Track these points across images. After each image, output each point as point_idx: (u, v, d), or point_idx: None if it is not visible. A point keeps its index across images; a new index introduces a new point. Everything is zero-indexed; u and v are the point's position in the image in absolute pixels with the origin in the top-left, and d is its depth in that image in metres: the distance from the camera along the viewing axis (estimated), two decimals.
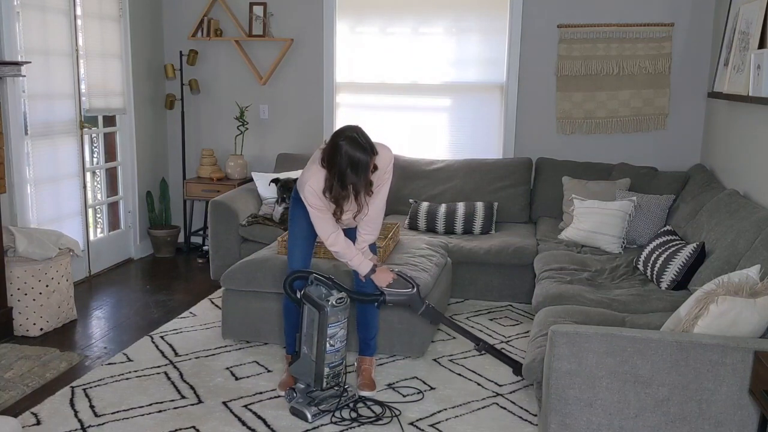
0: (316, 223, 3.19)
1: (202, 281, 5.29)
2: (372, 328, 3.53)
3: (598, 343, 2.42)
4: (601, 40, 5.30)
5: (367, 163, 2.96)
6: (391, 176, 3.27)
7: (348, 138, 2.95)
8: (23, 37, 4.53)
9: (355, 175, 2.96)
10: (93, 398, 3.35)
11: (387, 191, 3.27)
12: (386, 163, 3.18)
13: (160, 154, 6.15)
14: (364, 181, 3.00)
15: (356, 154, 2.93)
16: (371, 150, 2.98)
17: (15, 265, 4.10)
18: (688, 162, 5.32)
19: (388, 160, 3.19)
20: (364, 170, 2.97)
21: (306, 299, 3.17)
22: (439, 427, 3.13)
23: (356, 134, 2.97)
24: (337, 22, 5.72)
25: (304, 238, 3.37)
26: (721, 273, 3.12)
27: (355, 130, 3.01)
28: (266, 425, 3.12)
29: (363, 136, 3.00)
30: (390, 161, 3.21)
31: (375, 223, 3.32)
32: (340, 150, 2.94)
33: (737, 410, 2.35)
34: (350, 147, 2.93)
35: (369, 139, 3.02)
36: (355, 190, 3.03)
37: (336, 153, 2.95)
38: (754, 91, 3.68)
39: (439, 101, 5.75)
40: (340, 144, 2.95)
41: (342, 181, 2.98)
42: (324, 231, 3.19)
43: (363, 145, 2.95)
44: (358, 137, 2.96)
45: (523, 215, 5.34)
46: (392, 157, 3.23)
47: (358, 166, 2.94)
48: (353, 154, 2.93)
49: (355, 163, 2.94)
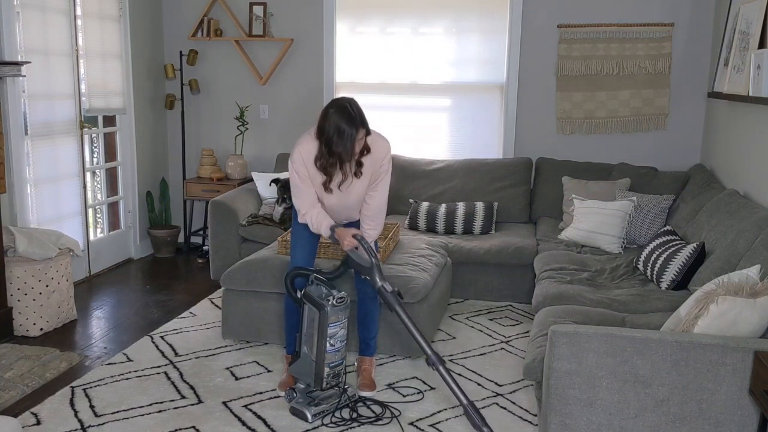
0: (294, 192, 3.22)
1: (202, 281, 5.29)
2: (372, 328, 3.54)
3: (598, 343, 2.42)
4: (601, 40, 5.30)
5: (353, 134, 2.98)
6: (390, 170, 3.27)
7: (338, 107, 3.00)
8: (23, 37, 4.53)
9: (341, 142, 2.98)
10: (93, 398, 3.35)
11: (387, 185, 3.28)
12: (382, 153, 3.19)
13: (160, 154, 6.15)
14: (350, 150, 3.02)
15: (342, 122, 2.97)
16: (360, 122, 3.00)
17: (15, 265, 4.10)
18: (688, 162, 5.32)
19: (385, 150, 3.20)
20: (350, 140, 2.99)
21: (306, 299, 3.17)
22: (439, 427, 3.13)
23: (348, 104, 3.01)
24: (337, 22, 5.72)
25: (307, 237, 3.38)
26: (721, 273, 3.12)
27: (348, 101, 3.04)
28: (266, 425, 3.12)
29: (355, 107, 3.03)
30: (387, 152, 3.21)
31: (378, 218, 3.32)
32: (329, 117, 2.99)
33: (737, 410, 2.35)
34: (338, 115, 2.98)
35: (360, 113, 3.04)
36: (340, 159, 3.04)
37: (325, 120, 3.01)
38: (754, 91, 3.68)
39: (439, 101, 5.75)
40: (330, 111, 3.01)
41: (329, 147, 3.01)
42: (301, 203, 3.20)
43: (351, 116, 2.98)
44: (350, 108, 3.00)
45: (523, 215, 5.34)
46: (389, 149, 3.23)
47: (343, 134, 2.97)
48: (340, 122, 2.97)
49: (341, 132, 2.97)
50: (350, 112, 2.98)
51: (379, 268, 3.13)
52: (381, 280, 3.10)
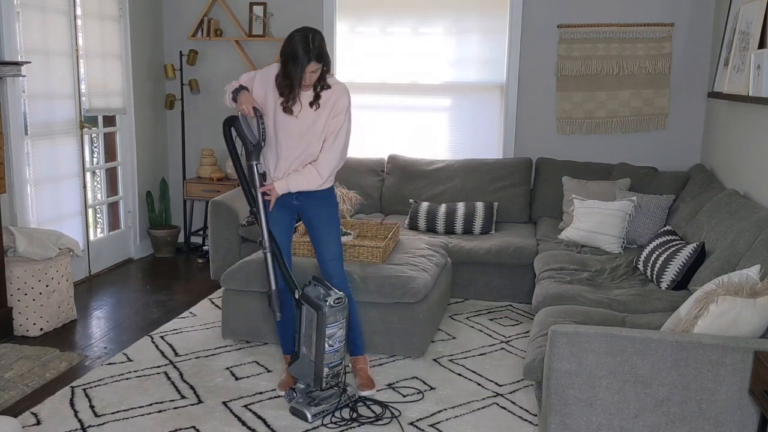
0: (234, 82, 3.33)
1: (202, 281, 5.29)
2: (355, 326, 3.52)
3: (598, 343, 2.42)
4: (601, 40, 5.30)
5: (304, 64, 3.06)
6: (348, 123, 3.28)
7: (302, 35, 3.09)
8: (23, 37, 4.53)
9: (293, 68, 3.08)
10: (93, 398, 3.35)
11: (344, 137, 3.28)
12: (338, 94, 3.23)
13: (160, 154, 6.15)
14: (299, 77, 3.09)
15: (299, 49, 3.05)
16: (315, 55, 3.07)
17: (15, 265, 4.10)
18: (688, 162, 5.32)
19: (341, 92, 3.25)
20: (301, 67, 3.07)
21: (304, 299, 3.17)
22: (439, 427, 3.13)
23: (311, 35, 3.09)
24: (337, 22, 5.72)
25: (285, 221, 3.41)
26: (721, 273, 3.12)
27: (313, 32, 3.11)
28: (266, 425, 3.12)
29: (316, 41, 3.09)
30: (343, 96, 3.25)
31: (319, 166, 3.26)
32: (290, 41, 3.10)
33: (737, 410, 2.35)
34: (298, 42, 3.07)
35: (320, 48, 3.10)
36: (291, 82, 3.12)
37: (287, 42, 3.11)
38: (754, 91, 3.68)
39: (439, 101, 5.75)
40: (294, 37, 3.10)
41: (284, 68, 3.11)
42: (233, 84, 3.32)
43: (308, 47, 3.06)
44: (311, 39, 3.08)
45: (523, 215, 5.34)
46: (347, 96, 3.27)
47: (297, 61, 3.06)
48: (296, 48, 3.06)
49: (295, 57, 3.06)
50: (308, 44, 3.06)
51: (259, 150, 3.22)
52: (255, 160, 3.22)
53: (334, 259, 3.41)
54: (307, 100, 3.20)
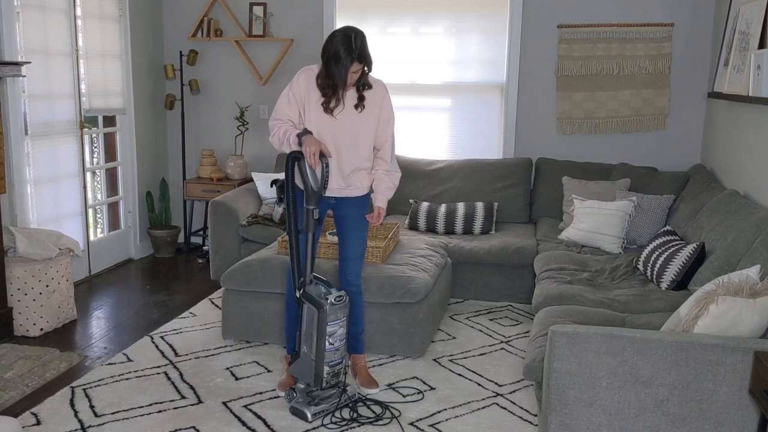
0: (276, 109, 3.29)
1: (202, 281, 5.29)
2: (360, 323, 3.53)
3: (598, 343, 2.42)
4: (601, 40, 5.30)
5: (347, 64, 3.04)
6: (393, 118, 3.33)
7: (344, 35, 3.07)
8: (23, 37, 4.53)
9: (336, 69, 3.05)
10: (93, 398, 3.35)
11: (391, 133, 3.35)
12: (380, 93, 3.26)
13: (160, 154, 6.15)
14: (343, 78, 3.07)
15: (341, 50, 3.02)
16: (357, 56, 3.05)
17: (15, 265, 4.10)
18: (688, 162, 5.32)
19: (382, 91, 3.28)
20: (345, 69, 3.05)
21: (305, 298, 3.18)
22: (439, 427, 3.13)
23: (354, 35, 3.06)
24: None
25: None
26: (721, 273, 3.12)
27: (355, 32, 3.09)
28: (266, 425, 3.12)
29: (358, 40, 3.07)
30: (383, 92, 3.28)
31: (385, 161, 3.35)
32: (332, 41, 3.07)
33: (737, 410, 2.35)
34: (340, 42, 3.04)
35: (362, 47, 3.09)
36: (335, 83, 3.10)
37: (329, 42, 3.08)
38: (754, 91, 3.68)
39: (439, 101, 5.75)
40: (336, 36, 3.07)
41: (327, 69, 3.08)
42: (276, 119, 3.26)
43: (351, 47, 3.04)
44: (353, 39, 3.05)
45: (523, 215, 5.34)
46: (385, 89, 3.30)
47: (339, 61, 3.04)
48: (339, 49, 3.03)
49: (338, 58, 3.04)
50: (351, 44, 3.03)
51: (318, 197, 3.19)
52: (313, 205, 3.18)
53: (357, 258, 3.45)
54: (351, 102, 3.20)
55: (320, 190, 3.15)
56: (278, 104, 3.28)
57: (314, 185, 3.12)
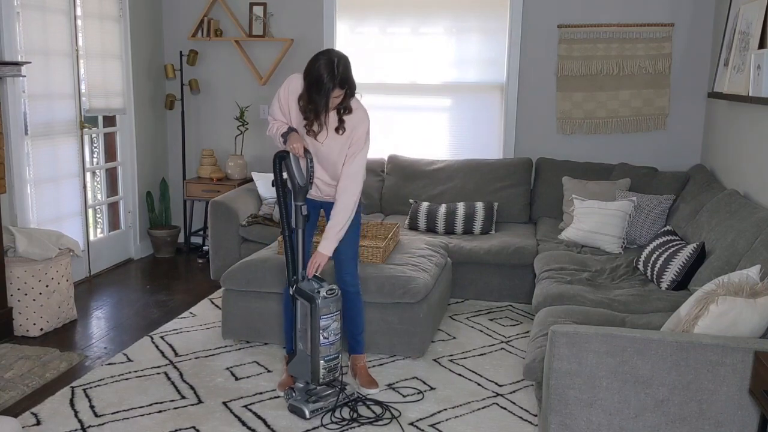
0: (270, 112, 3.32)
1: (202, 281, 5.29)
2: (359, 322, 3.53)
3: (598, 343, 2.42)
4: (601, 40, 5.30)
5: (329, 90, 3.00)
6: (366, 148, 3.24)
7: (327, 60, 3.01)
8: (23, 37, 4.53)
9: (318, 94, 3.01)
10: (93, 398, 3.35)
11: (361, 162, 3.22)
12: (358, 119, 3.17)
13: (160, 154, 6.15)
14: (324, 103, 3.04)
15: (324, 76, 2.98)
16: (340, 82, 3.01)
17: (15, 265, 4.10)
18: (688, 162, 5.32)
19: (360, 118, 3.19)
20: (326, 94, 3.01)
21: (298, 293, 3.18)
22: (439, 427, 3.13)
23: (336, 60, 3.02)
24: (337, 22, 5.72)
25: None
26: (721, 273, 3.12)
27: (339, 57, 3.05)
28: (266, 425, 3.12)
29: (341, 66, 3.02)
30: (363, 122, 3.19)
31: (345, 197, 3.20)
32: (315, 66, 3.02)
33: (737, 410, 2.35)
34: (323, 68, 2.99)
35: (345, 73, 3.04)
36: (316, 108, 3.06)
37: (311, 66, 3.04)
38: (754, 91, 3.68)
39: (439, 101, 5.75)
40: (319, 61, 3.02)
41: (308, 93, 3.05)
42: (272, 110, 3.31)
43: (333, 73, 2.99)
44: (336, 64, 3.00)
45: (523, 215, 5.34)
46: (366, 123, 3.21)
47: (321, 88, 2.99)
48: (321, 75, 2.98)
49: (319, 84, 2.99)
50: (334, 70, 2.99)
51: (305, 192, 3.19)
52: (301, 201, 3.19)
53: (350, 258, 3.44)
54: (333, 125, 3.17)
55: (307, 186, 3.20)
56: (273, 105, 3.33)
57: (300, 181, 3.18)
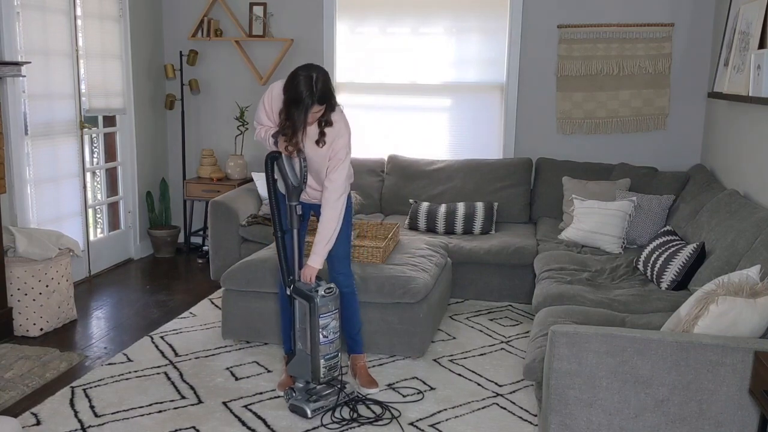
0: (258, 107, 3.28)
1: (202, 281, 5.29)
2: (355, 322, 3.53)
3: (598, 343, 2.42)
4: (601, 40, 5.30)
5: (308, 106, 2.99)
6: (347, 159, 3.22)
7: (305, 77, 2.99)
8: (23, 37, 4.53)
9: (296, 111, 2.99)
10: (93, 398, 3.35)
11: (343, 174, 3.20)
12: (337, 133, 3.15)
13: (160, 154, 6.15)
14: (302, 119, 3.02)
15: (303, 92, 2.96)
16: (318, 99, 3.00)
17: (15, 265, 4.10)
18: (688, 162, 5.32)
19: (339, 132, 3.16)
20: (305, 111, 2.99)
21: (296, 293, 3.18)
22: (439, 427, 3.13)
23: (315, 76, 2.99)
24: (337, 22, 5.72)
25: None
26: (721, 273, 3.12)
27: (318, 72, 3.01)
28: (266, 425, 3.12)
29: (320, 83, 2.99)
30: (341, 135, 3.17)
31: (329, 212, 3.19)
32: (294, 82, 2.99)
33: (737, 410, 2.35)
34: (302, 85, 2.97)
35: (324, 89, 3.01)
36: (294, 125, 3.04)
37: (291, 82, 3.01)
38: (754, 91, 3.68)
39: (439, 101, 5.75)
40: (298, 77, 2.99)
41: (287, 108, 3.03)
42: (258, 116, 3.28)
43: (312, 91, 2.97)
44: (314, 81, 2.98)
45: (523, 215, 5.34)
46: (346, 137, 3.19)
47: (300, 104, 2.98)
48: (300, 91, 2.96)
49: (298, 101, 2.97)
50: (312, 86, 2.97)
51: (299, 192, 3.18)
52: (295, 201, 3.18)
53: (341, 258, 3.42)
54: (312, 139, 3.16)
55: (300, 186, 3.19)
56: (258, 112, 3.29)
57: (294, 181, 3.17)
